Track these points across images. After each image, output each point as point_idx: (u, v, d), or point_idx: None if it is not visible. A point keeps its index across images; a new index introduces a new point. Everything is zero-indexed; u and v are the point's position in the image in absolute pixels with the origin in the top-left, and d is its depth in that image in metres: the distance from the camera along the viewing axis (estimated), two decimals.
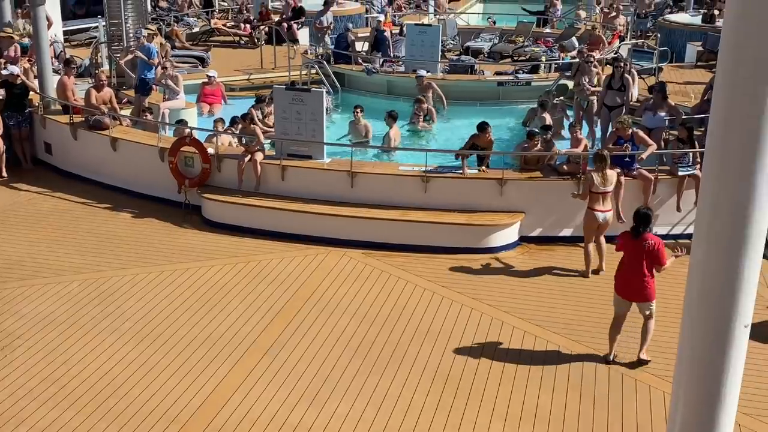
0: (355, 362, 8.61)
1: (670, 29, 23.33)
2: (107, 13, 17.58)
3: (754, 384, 8.04)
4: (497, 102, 18.19)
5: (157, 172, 13.00)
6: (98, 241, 11.66)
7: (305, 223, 11.83)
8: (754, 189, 3.23)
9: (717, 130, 3.29)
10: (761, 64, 3.10)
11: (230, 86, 18.68)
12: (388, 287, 10.36)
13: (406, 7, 30.86)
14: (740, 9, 3.11)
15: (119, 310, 9.65)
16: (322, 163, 12.48)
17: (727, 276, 3.32)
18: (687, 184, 11.65)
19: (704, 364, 3.46)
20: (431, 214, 11.70)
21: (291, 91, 12.91)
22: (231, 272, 10.70)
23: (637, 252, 8.52)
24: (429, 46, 18.82)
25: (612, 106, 14.36)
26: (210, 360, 8.62)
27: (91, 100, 13.93)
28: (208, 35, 24.26)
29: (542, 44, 22.17)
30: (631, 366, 8.63)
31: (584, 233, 10.91)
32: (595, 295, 10.25)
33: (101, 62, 18.36)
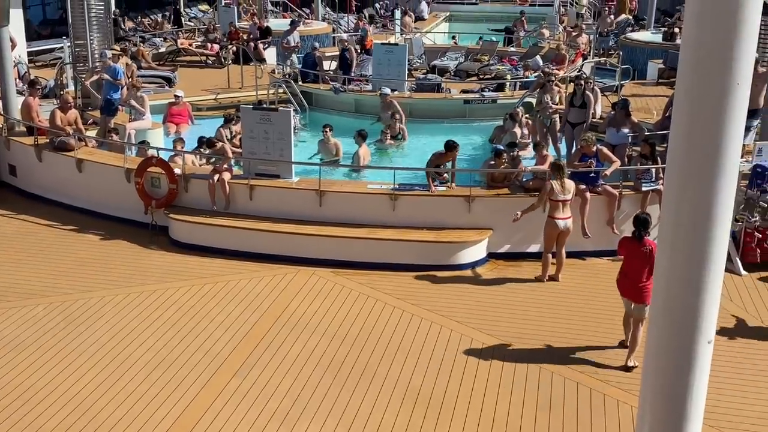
0: (325, 381, 8.59)
1: (632, 47, 23.70)
2: (72, 33, 17.47)
3: (719, 397, 8.14)
4: (464, 120, 18.35)
5: (123, 193, 12.91)
6: (64, 263, 11.53)
7: (274, 243, 11.80)
8: (714, 204, 3.29)
9: (677, 145, 3.36)
10: (718, 80, 3.18)
11: (197, 106, 18.64)
12: (358, 305, 10.36)
13: (373, 27, 31.03)
14: (697, 29, 3.19)
15: (86, 333, 9.53)
16: (290, 182, 12.48)
17: (689, 291, 3.37)
18: (651, 199, 11.82)
19: (669, 379, 3.51)
20: (400, 232, 11.74)
21: (258, 111, 12.92)
22: (199, 293, 10.63)
23: (637, 256, 8.82)
24: (396, 64, 18.94)
25: (575, 123, 14.55)
26: (179, 381, 8.54)
27: (56, 121, 13.80)
28: (174, 55, 24.19)
29: (507, 63, 22.42)
30: (599, 380, 8.70)
31: (544, 241, 11.08)
32: (563, 309, 10.34)
33: (66, 83, 18.21)
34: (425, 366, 8.93)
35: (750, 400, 8.37)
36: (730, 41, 3.11)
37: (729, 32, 3.10)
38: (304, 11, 30.97)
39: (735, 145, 3.25)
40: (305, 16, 29.64)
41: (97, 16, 17.15)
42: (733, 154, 3.26)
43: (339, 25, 30.58)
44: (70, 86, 18.01)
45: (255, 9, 29.31)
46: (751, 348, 9.43)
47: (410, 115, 17.46)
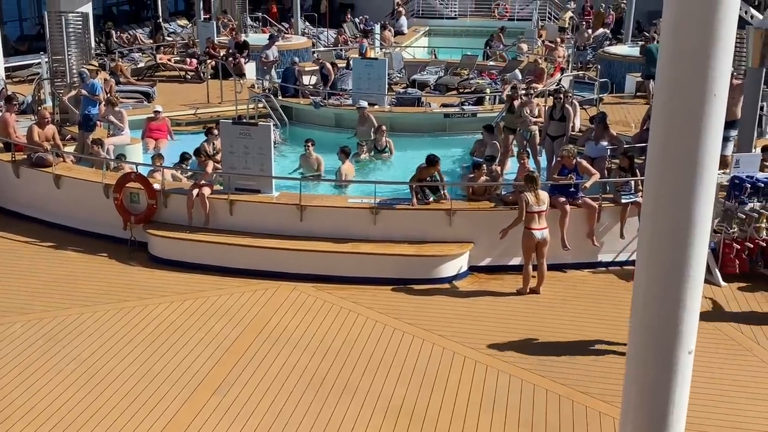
0: (307, 396, 8.54)
1: (610, 61, 23.91)
2: (50, 49, 17.36)
3: (699, 407, 8.17)
4: (444, 133, 18.40)
5: (101, 209, 12.81)
6: (42, 280, 11.41)
7: (254, 258, 11.75)
8: (693, 215, 3.32)
9: (656, 157, 3.38)
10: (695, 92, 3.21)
11: (176, 121, 18.57)
12: (339, 320, 10.33)
13: (352, 41, 31.12)
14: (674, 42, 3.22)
15: (64, 350, 9.43)
16: (271, 197, 12.45)
17: (669, 302, 3.39)
18: (630, 212, 11.90)
19: (650, 390, 3.52)
20: (381, 246, 11.72)
21: (238, 126, 12.89)
22: (179, 309, 10.55)
23: None
24: (376, 79, 19.00)
25: (554, 136, 14.64)
26: (159, 398, 8.46)
27: (34, 137, 13.70)
28: (153, 70, 24.11)
29: (487, 77, 22.53)
30: (581, 392, 8.71)
31: (523, 253, 11.11)
32: (544, 322, 10.35)
33: (44, 99, 18.09)
34: (407, 380, 8.91)
35: (729, 411, 8.41)
36: (707, 53, 3.14)
37: (705, 44, 3.13)
38: (283, 26, 31.00)
39: (712, 157, 3.28)
40: (284, 30, 29.66)
41: (75, 32, 17.05)
42: (711, 166, 3.29)
43: (318, 39, 30.63)
44: (47, 102, 17.89)
45: (234, 24, 29.28)
46: (731, 359, 9.48)
47: (391, 129, 17.49)
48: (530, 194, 10.97)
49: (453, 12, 37.63)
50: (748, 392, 8.78)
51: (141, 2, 36.07)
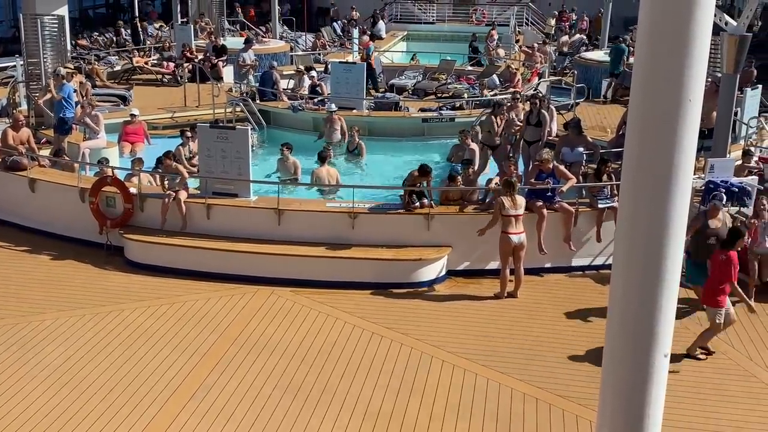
0: (285, 401, 8.51)
1: (586, 66, 24.08)
2: (25, 51, 17.21)
3: (675, 412, 8.24)
4: (422, 138, 18.43)
5: (77, 213, 12.71)
6: (16, 285, 11.29)
7: (232, 262, 11.70)
8: (668, 220, 3.34)
9: (631, 162, 3.41)
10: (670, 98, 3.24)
11: (153, 125, 18.44)
12: (317, 324, 10.31)
13: (331, 46, 31.11)
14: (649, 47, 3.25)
15: (39, 356, 9.33)
16: (249, 201, 12.41)
17: (645, 305, 3.41)
18: (606, 216, 11.98)
19: (627, 393, 3.53)
20: (359, 250, 11.72)
21: (215, 129, 12.84)
22: (155, 314, 10.48)
23: (717, 263, 9.59)
24: (354, 83, 19.00)
25: (531, 141, 14.72)
26: (135, 404, 8.39)
27: (8, 140, 13.57)
28: (129, 73, 23.95)
29: (465, 81, 22.61)
30: (558, 395, 8.75)
31: (500, 257, 11.14)
32: (522, 326, 10.39)
33: (19, 102, 17.92)
34: (386, 384, 8.90)
35: (706, 414, 8.48)
36: (681, 57, 3.16)
37: (680, 48, 3.16)
38: (261, 30, 30.92)
39: (688, 162, 3.30)
40: (262, 34, 29.59)
41: (51, 35, 16.93)
42: (686, 171, 3.31)
43: (296, 43, 30.58)
44: (23, 105, 17.73)
45: (212, 27, 29.17)
46: (705, 362, 9.57)
47: (369, 134, 17.52)
48: (506, 198, 11.02)
49: (431, 17, 37.73)
50: (723, 395, 8.86)
51: (117, 5, 35.85)
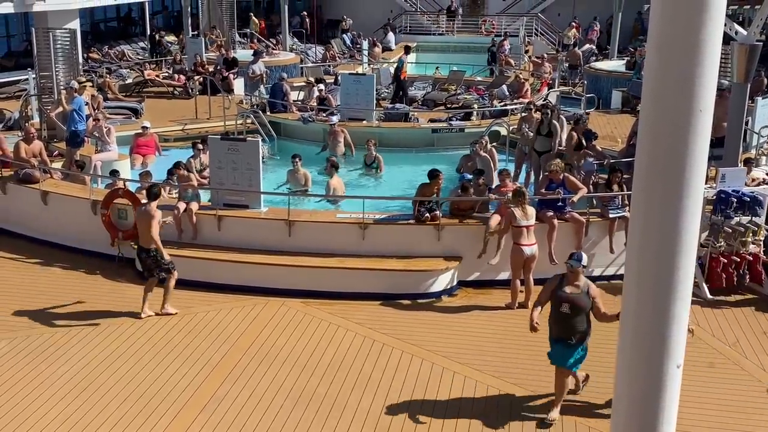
0: (295, 414, 8.49)
1: (597, 76, 24.08)
2: (37, 65, 17.34)
3: (687, 421, 8.18)
4: (432, 148, 18.45)
5: (89, 225, 12.76)
6: (29, 297, 11.33)
7: (242, 274, 11.71)
8: (680, 230, 3.33)
9: (642, 172, 3.40)
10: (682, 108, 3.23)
11: (164, 137, 18.54)
12: (328, 336, 10.30)
13: (341, 57, 31.21)
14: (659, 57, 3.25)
15: (51, 368, 9.36)
16: (259, 212, 12.43)
17: (657, 316, 3.40)
18: (618, 226, 11.94)
19: (640, 403, 3.52)
20: (369, 261, 11.71)
21: (226, 141, 12.88)
22: (167, 326, 10.49)
23: None
24: (364, 94, 19.06)
25: (541, 152, 14.70)
26: (147, 416, 8.40)
27: (21, 153, 13.65)
28: (141, 86, 24.09)
29: (474, 92, 22.64)
30: (572, 406, 8.70)
31: (511, 268, 11.10)
32: (534, 336, 10.33)
33: (31, 115, 18.04)
34: (397, 396, 8.88)
35: (716, 424, 8.42)
36: (692, 68, 3.16)
37: (690, 59, 3.15)
38: (271, 42, 31.06)
39: (699, 172, 3.29)
40: (272, 46, 29.73)
41: (63, 48, 17.05)
42: (698, 181, 3.30)
43: (306, 55, 30.70)
44: (35, 118, 17.84)
45: (222, 40, 29.33)
46: (718, 373, 9.51)
47: (378, 144, 17.54)
48: (517, 209, 10.99)
49: (440, 28, 37.82)
50: (736, 405, 8.80)
51: (128, 18, 36.08)
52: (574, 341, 8.24)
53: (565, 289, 8.27)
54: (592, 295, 8.24)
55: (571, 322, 8.21)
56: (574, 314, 8.18)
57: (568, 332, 8.24)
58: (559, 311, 8.26)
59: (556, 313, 8.32)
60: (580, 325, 8.24)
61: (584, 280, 8.35)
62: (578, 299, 8.18)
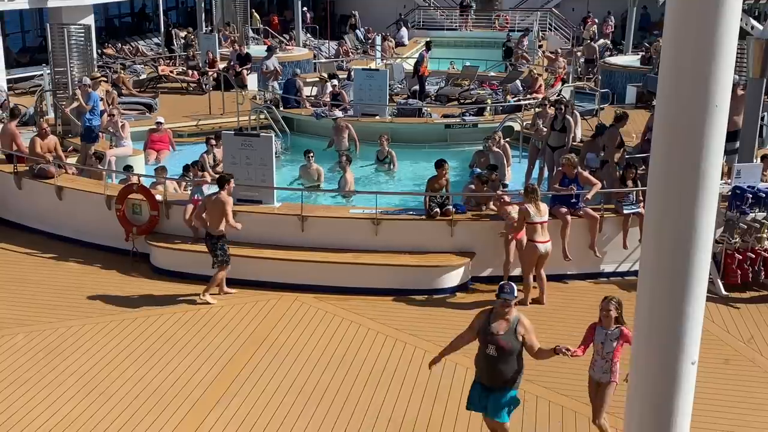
0: (308, 409, 8.51)
1: (611, 71, 23.96)
2: (52, 60, 17.42)
3: (701, 419, 8.15)
4: (445, 144, 18.41)
5: (104, 220, 12.82)
6: (44, 292, 11.41)
7: (256, 269, 11.74)
8: (696, 226, 3.32)
9: (658, 168, 3.39)
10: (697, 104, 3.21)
11: (178, 132, 18.60)
12: (341, 331, 10.31)
13: (354, 53, 31.20)
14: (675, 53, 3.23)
15: (66, 362, 9.42)
16: (272, 208, 12.45)
17: (672, 313, 3.38)
18: (632, 222, 11.89)
19: (654, 400, 3.51)
20: (382, 257, 11.71)
21: (240, 137, 12.91)
22: (180, 321, 10.54)
23: None
24: (377, 89, 19.04)
25: (555, 147, 14.65)
26: (160, 411, 8.44)
27: (36, 148, 13.73)
28: (155, 82, 24.18)
29: (488, 87, 22.58)
30: (584, 403, 8.68)
31: (524, 265, 11.06)
32: (546, 332, 10.31)
33: (46, 110, 18.13)
34: (409, 392, 8.88)
35: (731, 422, 8.38)
36: (708, 65, 3.14)
37: (706, 55, 3.14)
38: (284, 38, 31.10)
39: (715, 167, 3.28)
40: (285, 42, 29.76)
41: (77, 44, 17.13)
42: (713, 176, 3.29)
43: (320, 51, 30.72)
44: (50, 113, 17.94)
45: (236, 36, 29.38)
46: (733, 369, 9.46)
47: (391, 140, 17.53)
48: (530, 206, 10.96)
49: (454, 23, 37.75)
50: (751, 402, 8.75)
51: (143, 14, 36.20)
52: (502, 388, 7.13)
53: (493, 327, 7.07)
54: (521, 333, 7.06)
55: (500, 366, 7.05)
56: (503, 357, 7.03)
57: (494, 378, 7.11)
58: (485, 353, 7.09)
59: (481, 353, 7.15)
60: (509, 369, 7.06)
61: (515, 314, 7.14)
62: (506, 340, 7.01)
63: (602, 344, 7.56)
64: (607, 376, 7.60)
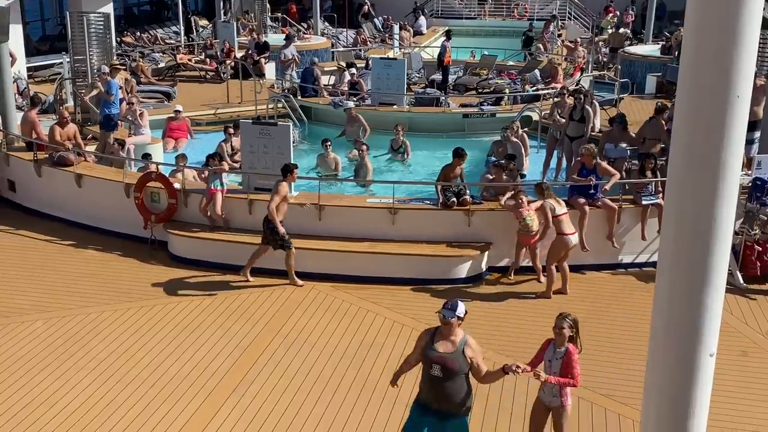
0: (325, 396, 8.55)
1: (631, 61, 23.77)
2: (71, 49, 17.51)
3: (719, 411, 8.11)
4: (462, 134, 18.35)
5: (122, 208, 12.90)
6: (63, 279, 11.51)
7: (273, 257, 11.76)
8: (715, 217, 3.29)
9: (678, 159, 3.36)
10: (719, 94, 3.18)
11: (196, 121, 18.66)
12: (358, 320, 10.34)
13: (372, 41, 31.14)
14: (696, 43, 3.20)
15: (85, 349, 9.50)
16: (290, 197, 12.46)
17: (691, 304, 3.36)
18: (651, 213, 11.82)
19: (671, 392, 3.50)
20: (399, 246, 11.72)
21: (258, 125, 12.93)
22: (198, 308, 10.60)
23: None
24: (395, 79, 19.00)
25: (573, 137, 14.57)
26: (178, 397, 8.50)
27: (55, 136, 13.82)
28: (173, 70, 24.25)
29: (506, 76, 22.48)
30: (600, 394, 8.66)
31: (552, 257, 10.94)
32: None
33: (65, 98, 18.24)
34: None
35: (749, 413, 8.33)
36: (730, 54, 3.11)
37: (728, 45, 3.10)
38: (302, 26, 31.08)
39: (736, 159, 3.25)
40: (303, 31, 29.74)
41: (97, 32, 17.20)
42: (734, 167, 3.26)
43: (338, 40, 30.68)
44: (69, 101, 18.03)
45: (254, 24, 29.39)
46: (752, 362, 9.41)
47: (409, 130, 17.51)
48: (551, 200, 10.92)
49: (472, 12, 37.56)
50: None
51: (162, 2, 36.28)
52: (453, 414, 6.60)
53: (437, 347, 6.54)
54: (469, 355, 6.51)
55: (446, 388, 6.49)
56: (448, 378, 6.47)
57: (440, 400, 6.55)
58: (429, 374, 6.55)
59: (426, 375, 6.60)
60: (456, 390, 6.51)
61: (461, 334, 6.59)
62: (452, 360, 6.46)
63: (549, 363, 6.88)
64: (557, 400, 6.91)
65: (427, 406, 6.64)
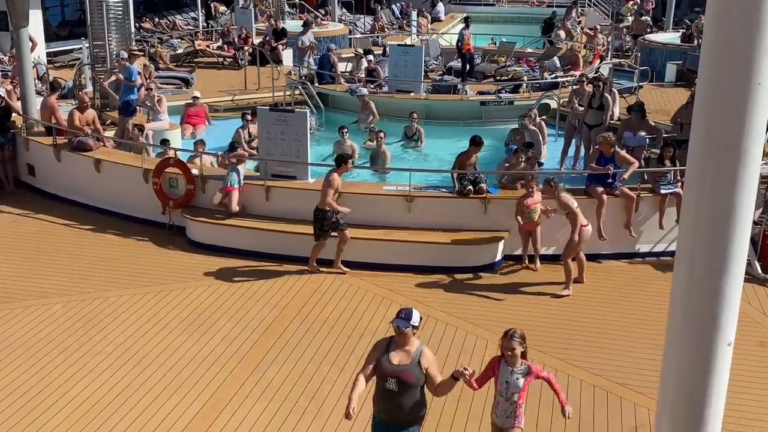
0: (341, 380, 8.59)
1: (651, 49, 23.59)
2: (91, 34, 17.58)
3: (736, 400, 8.08)
4: (480, 121, 18.30)
5: (141, 193, 12.97)
6: (82, 263, 11.60)
7: (290, 243, 11.81)
8: (735, 207, 3.27)
9: (698, 148, 3.34)
10: (740, 82, 3.16)
11: (214, 107, 18.71)
12: (374, 306, 10.37)
13: (389, 28, 31.07)
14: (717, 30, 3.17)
15: (103, 332, 9.59)
16: (307, 183, 12.50)
17: (709, 294, 3.35)
18: (669, 202, 11.75)
19: (689, 381, 3.49)
20: (415, 234, 11.72)
21: (275, 112, 12.95)
22: (215, 293, 10.67)
23: None
24: (412, 66, 18.96)
25: (592, 125, 14.49)
26: (196, 380, 8.57)
27: (75, 121, 13.90)
28: (192, 56, 24.30)
29: (524, 64, 22.37)
30: (616, 383, 8.66)
31: (572, 249, 10.82)
32: (580, 312, 10.29)
33: (85, 84, 18.33)
34: (441, 367, 8.88)
35: (766, 403, 8.31)
36: (752, 41, 3.08)
37: (750, 31, 3.08)
38: (320, 12, 31.04)
39: (756, 147, 3.23)
40: (321, 17, 29.71)
41: (116, 17, 17.25)
42: (755, 156, 3.23)
43: (355, 26, 30.62)
44: (88, 87, 18.13)
45: (272, 11, 29.37)
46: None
47: (426, 117, 17.47)
48: (566, 193, 10.87)
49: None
50: None
51: None
52: (405, 427, 6.31)
53: (392, 358, 6.19)
54: (425, 366, 6.20)
55: (402, 401, 6.21)
56: (403, 391, 6.18)
57: (394, 414, 6.27)
58: (384, 387, 6.23)
59: (380, 389, 6.28)
60: (411, 403, 6.24)
61: (416, 344, 6.26)
62: (407, 372, 6.16)
63: (507, 384, 6.45)
64: (510, 421, 6.52)
65: (385, 425, 6.34)
